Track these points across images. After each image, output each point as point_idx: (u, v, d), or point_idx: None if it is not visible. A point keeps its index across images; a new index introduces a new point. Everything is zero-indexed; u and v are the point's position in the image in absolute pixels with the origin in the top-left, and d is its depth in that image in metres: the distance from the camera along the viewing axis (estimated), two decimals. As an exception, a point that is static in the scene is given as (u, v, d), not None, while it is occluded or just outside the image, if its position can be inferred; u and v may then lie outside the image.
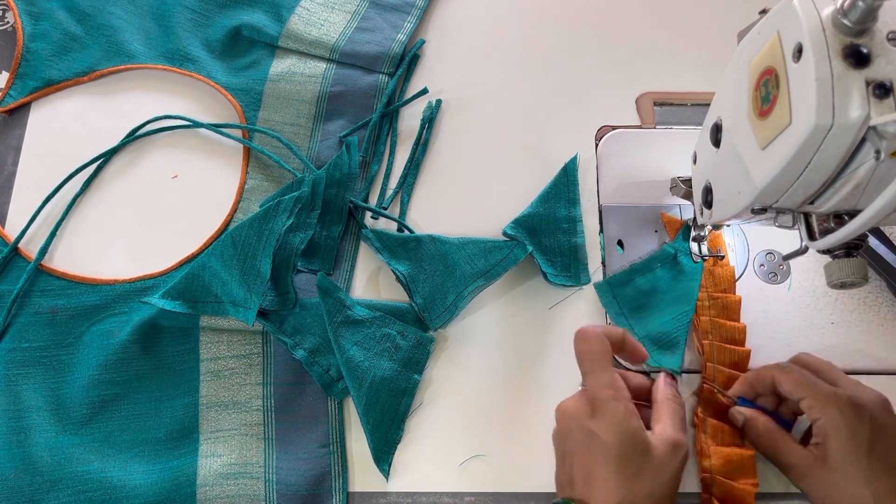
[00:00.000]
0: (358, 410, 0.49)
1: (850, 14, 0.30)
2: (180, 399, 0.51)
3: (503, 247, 0.52)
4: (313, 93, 0.59)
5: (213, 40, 0.62)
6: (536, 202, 0.55)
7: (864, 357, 0.51)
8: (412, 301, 0.51)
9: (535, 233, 0.54)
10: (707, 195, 0.44)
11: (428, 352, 0.51)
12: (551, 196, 0.55)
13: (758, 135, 0.35)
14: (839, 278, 0.37)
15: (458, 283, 0.51)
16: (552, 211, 0.54)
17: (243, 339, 0.52)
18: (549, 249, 0.54)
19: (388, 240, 0.53)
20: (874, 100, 0.30)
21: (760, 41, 0.35)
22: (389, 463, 0.49)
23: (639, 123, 0.58)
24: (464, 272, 0.51)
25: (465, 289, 0.51)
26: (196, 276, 0.51)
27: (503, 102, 0.59)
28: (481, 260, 0.52)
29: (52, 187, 0.57)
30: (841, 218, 0.36)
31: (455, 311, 0.51)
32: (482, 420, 0.50)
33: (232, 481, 0.48)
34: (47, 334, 0.52)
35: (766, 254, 0.54)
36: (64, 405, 0.50)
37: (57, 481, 0.48)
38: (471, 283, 0.51)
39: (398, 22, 0.62)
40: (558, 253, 0.54)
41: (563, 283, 0.53)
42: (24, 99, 0.60)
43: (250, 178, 0.58)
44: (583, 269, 0.54)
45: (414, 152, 0.58)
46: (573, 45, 0.62)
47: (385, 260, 0.52)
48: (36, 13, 0.62)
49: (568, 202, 0.55)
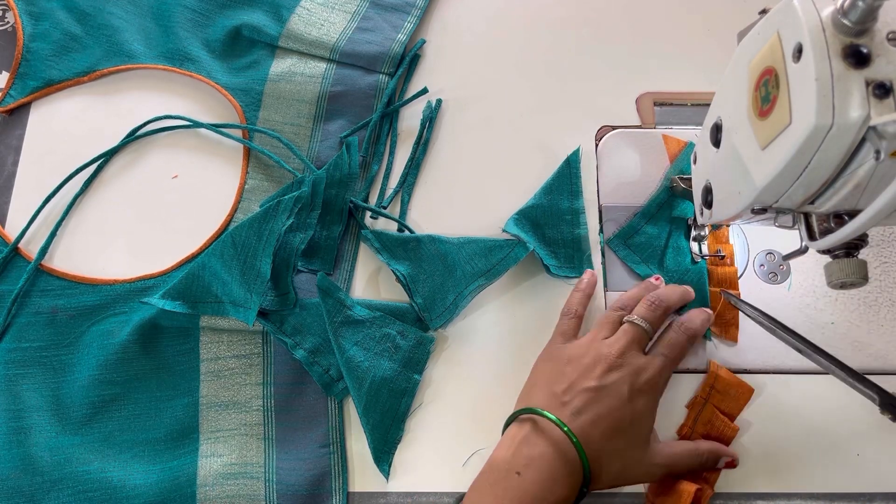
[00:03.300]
0: (358, 410, 0.49)
1: (850, 14, 0.30)
2: (180, 399, 0.51)
3: (504, 246, 0.52)
4: (313, 93, 0.59)
5: (213, 40, 0.62)
6: (539, 194, 0.55)
7: (864, 357, 0.51)
8: (412, 301, 0.51)
9: (538, 225, 0.54)
10: (707, 195, 0.44)
11: (428, 352, 0.51)
12: (554, 188, 0.55)
13: (758, 135, 0.35)
14: (839, 278, 0.37)
15: (459, 282, 0.51)
16: (555, 202, 0.55)
17: (243, 339, 0.52)
18: (552, 241, 0.54)
19: (387, 240, 0.53)
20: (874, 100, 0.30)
21: (760, 41, 0.35)
22: (390, 463, 0.49)
23: (639, 123, 0.58)
24: (464, 272, 0.51)
25: (465, 288, 0.51)
26: (196, 276, 0.51)
27: (503, 102, 0.59)
28: (482, 259, 0.52)
29: (52, 187, 0.57)
30: (841, 218, 0.36)
31: (455, 311, 0.51)
32: (482, 420, 0.50)
33: (232, 481, 0.48)
34: (47, 334, 0.52)
35: (766, 254, 0.54)
36: (64, 405, 0.50)
37: (57, 481, 0.48)
38: (471, 283, 0.51)
39: (398, 22, 0.62)
40: (561, 244, 0.54)
41: (567, 274, 0.53)
42: (24, 99, 0.60)
43: (250, 178, 0.58)
44: (586, 260, 0.54)
45: (414, 152, 0.58)
46: (573, 44, 0.62)
47: (385, 260, 0.52)
48: (36, 13, 0.62)
49: (571, 194, 0.55)
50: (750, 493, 0.47)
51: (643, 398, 0.44)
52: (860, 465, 0.48)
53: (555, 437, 0.42)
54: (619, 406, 0.43)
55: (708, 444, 0.47)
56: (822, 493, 0.47)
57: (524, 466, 0.41)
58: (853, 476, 0.48)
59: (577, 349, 0.46)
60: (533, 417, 0.44)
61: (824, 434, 0.49)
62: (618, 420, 0.43)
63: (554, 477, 0.41)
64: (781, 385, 0.50)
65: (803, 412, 0.49)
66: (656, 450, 0.45)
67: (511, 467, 0.41)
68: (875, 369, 0.50)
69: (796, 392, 0.50)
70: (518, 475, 0.41)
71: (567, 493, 0.41)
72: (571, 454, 0.42)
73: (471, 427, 0.50)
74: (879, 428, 0.49)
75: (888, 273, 0.53)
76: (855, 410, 0.49)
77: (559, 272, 0.53)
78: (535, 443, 0.42)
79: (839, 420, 0.49)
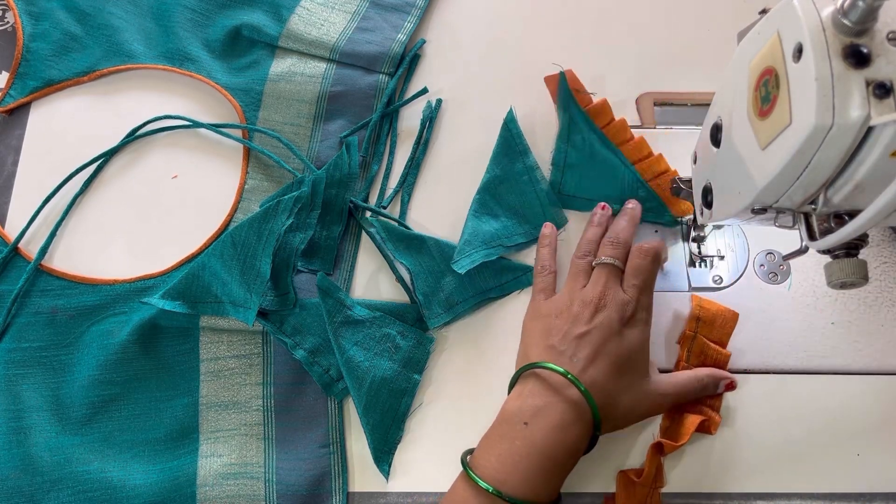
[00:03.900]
0: (358, 411, 0.49)
1: (850, 14, 0.30)
2: (180, 399, 0.51)
3: (516, 269, 0.53)
4: (313, 93, 0.59)
5: (213, 40, 0.62)
6: (490, 167, 0.55)
7: (864, 357, 0.51)
8: (414, 295, 0.51)
9: (500, 197, 0.55)
10: (707, 195, 0.44)
11: (428, 352, 0.51)
12: (500, 155, 0.56)
13: (758, 135, 0.35)
14: (839, 278, 0.37)
15: (463, 289, 0.52)
16: (507, 168, 0.55)
17: (243, 339, 0.52)
18: (517, 209, 0.55)
19: (393, 232, 0.53)
20: (874, 100, 0.30)
21: (760, 41, 0.35)
22: (389, 463, 0.49)
23: (639, 123, 0.58)
24: (472, 280, 0.52)
25: (469, 297, 0.52)
26: (196, 276, 0.51)
27: (503, 102, 0.59)
28: (491, 275, 0.53)
29: (52, 187, 0.57)
30: (841, 218, 0.35)
31: (454, 315, 0.52)
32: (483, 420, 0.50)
33: (232, 481, 0.48)
34: (47, 334, 0.52)
35: (766, 254, 0.54)
36: (64, 405, 0.50)
37: (57, 481, 0.48)
38: (477, 294, 0.52)
39: (398, 22, 0.62)
40: (528, 207, 0.55)
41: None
42: (24, 99, 0.60)
43: (250, 178, 0.58)
44: (558, 213, 0.55)
45: (414, 152, 0.58)
46: (573, 44, 0.62)
47: (390, 250, 0.52)
48: (36, 13, 0.62)
49: (520, 154, 0.56)
50: (750, 493, 0.47)
51: (634, 329, 0.46)
52: (860, 465, 0.48)
53: (559, 385, 0.43)
54: (614, 342, 0.44)
55: (706, 370, 0.49)
56: (822, 493, 0.47)
57: (531, 416, 0.42)
58: (853, 476, 0.48)
59: (561, 301, 0.48)
60: (535, 371, 0.44)
61: (824, 434, 0.49)
62: (616, 356, 0.44)
63: (562, 424, 0.42)
64: (781, 385, 0.50)
65: (803, 412, 0.49)
66: (660, 381, 0.47)
67: (519, 418, 0.42)
68: (875, 369, 0.50)
69: (796, 392, 0.50)
70: (526, 425, 0.42)
71: (578, 439, 0.42)
72: (578, 399, 0.42)
73: (471, 427, 0.50)
74: (879, 428, 0.49)
75: (888, 273, 0.53)
76: (855, 410, 0.49)
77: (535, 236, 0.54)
78: (541, 393, 0.43)
79: (839, 420, 0.49)
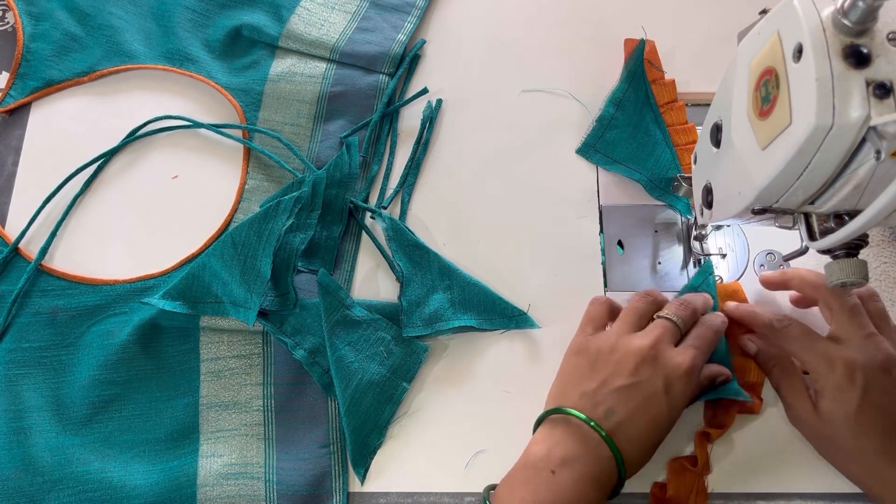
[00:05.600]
0: (340, 411, 0.49)
1: (850, 14, 0.30)
2: (180, 399, 0.51)
3: (511, 312, 0.51)
4: (313, 93, 0.59)
5: (213, 40, 0.62)
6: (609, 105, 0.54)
7: (864, 357, 0.51)
8: (399, 298, 0.51)
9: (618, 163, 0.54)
10: (707, 195, 0.44)
11: (420, 361, 0.51)
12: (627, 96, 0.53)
13: (758, 135, 0.35)
14: (839, 278, 0.37)
15: (451, 312, 0.51)
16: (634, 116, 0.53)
17: (243, 340, 0.52)
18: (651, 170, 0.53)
19: (399, 232, 0.53)
20: (874, 100, 0.30)
21: (760, 41, 0.35)
22: (366, 467, 0.48)
23: (639, 123, 0.58)
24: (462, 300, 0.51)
25: (451, 318, 0.51)
26: (196, 276, 0.51)
27: (503, 102, 0.59)
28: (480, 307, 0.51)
29: (52, 187, 0.57)
30: (841, 218, 0.36)
31: (430, 332, 0.51)
32: (483, 420, 0.50)
33: (232, 481, 0.48)
34: (47, 334, 0.52)
35: (766, 254, 0.54)
36: (64, 405, 0.50)
37: (57, 482, 0.48)
38: (461, 317, 0.51)
39: (398, 22, 0.62)
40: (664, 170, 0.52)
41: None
42: (24, 99, 0.60)
43: (250, 178, 0.58)
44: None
45: (414, 152, 0.58)
46: (573, 44, 0.62)
47: (392, 249, 0.52)
48: (36, 13, 0.62)
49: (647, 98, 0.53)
50: (750, 493, 0.47)
51: (679, 384, 0.43)
52: (860, 465, 0.48)
53: (590, 438, 0.41)
54: (654, 401, 0.42)
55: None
56: (822, 493, 0.47)
57: (559, 466, 0.41)
58: (853, 476, 0.48)
59: (606, 342, 0.45)
60: (566, 417, 0.43)
61: (824, 434, 0.49)
62: (655, 416, 0.42)
63: (588, 478, 0.40)
64: (781, 385, 0.50)
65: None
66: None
67: (546, 465, 0.41)
68: (875, 369, 0.50)
69: (796, 392, 0.50)
70: (553, 474, 0.40)
71: (601, 493, 0.41)
72: (606, 455, 0.41)
73: (472, 427, 0.50)
74: (879, 428, 0.49)
75: (888, 273, 0.53)
76: (855, 410, 0.49)
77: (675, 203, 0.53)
78: (570, 444, 0.41)
79: (839, 420, 0.49)
